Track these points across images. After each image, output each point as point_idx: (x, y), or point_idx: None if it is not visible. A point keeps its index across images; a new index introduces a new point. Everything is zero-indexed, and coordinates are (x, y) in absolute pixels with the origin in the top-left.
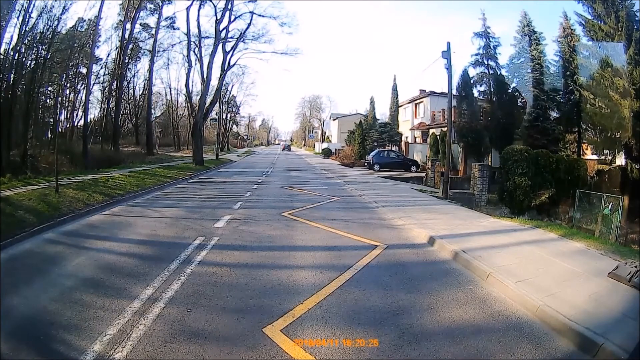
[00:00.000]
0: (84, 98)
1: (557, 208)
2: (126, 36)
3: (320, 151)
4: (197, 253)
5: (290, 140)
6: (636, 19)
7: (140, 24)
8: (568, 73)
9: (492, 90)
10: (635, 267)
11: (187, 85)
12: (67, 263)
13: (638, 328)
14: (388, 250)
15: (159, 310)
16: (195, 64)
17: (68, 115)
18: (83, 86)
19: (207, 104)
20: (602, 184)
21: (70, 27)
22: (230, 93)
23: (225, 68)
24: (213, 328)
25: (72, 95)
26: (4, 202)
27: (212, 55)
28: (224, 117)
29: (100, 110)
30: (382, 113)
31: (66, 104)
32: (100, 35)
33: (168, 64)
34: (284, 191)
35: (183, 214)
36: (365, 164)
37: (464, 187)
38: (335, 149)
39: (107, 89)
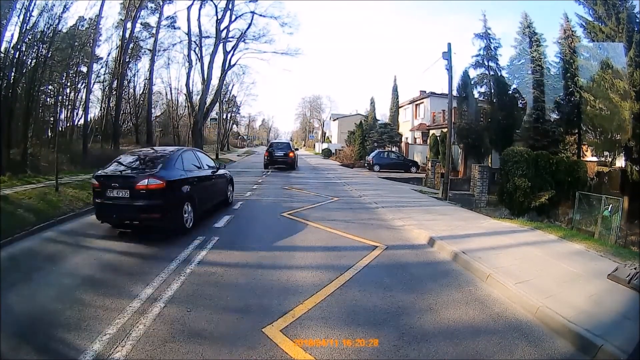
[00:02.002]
0: (84, 97)
1: (557, 210)
2: (127, 35)
3: (320, 151)
4: (197, 253)
5: (290, 140)
6: (637, 20)
7: (141, 23)
8: (568, 74)
9: (492, 91)
10: (635, 268)
11: (187, 84)
12: (67, 262)
13: (637, 329)
14: (388, 250)
15: (158, 310)
16: (196, 63)
17: (68, 114)
18: (83, 85)
19: (207, 104)
20: (602, 185)
21: (71, 26)
22: (230, 93)
23: (226, 68)
24: (213, 328)
25: (72, 94)
26: (3, 200)
27: (213, 54)
28: (224, 116)
29: (101, 110)
30: (383, 114)
31: (66, 103)
32: (100, 34)
33: (168, 64)
34: (284, 191)
35: None
36: (365, 164)
37: (464, 188)
38: (335, 150)
39: (107, 88)
